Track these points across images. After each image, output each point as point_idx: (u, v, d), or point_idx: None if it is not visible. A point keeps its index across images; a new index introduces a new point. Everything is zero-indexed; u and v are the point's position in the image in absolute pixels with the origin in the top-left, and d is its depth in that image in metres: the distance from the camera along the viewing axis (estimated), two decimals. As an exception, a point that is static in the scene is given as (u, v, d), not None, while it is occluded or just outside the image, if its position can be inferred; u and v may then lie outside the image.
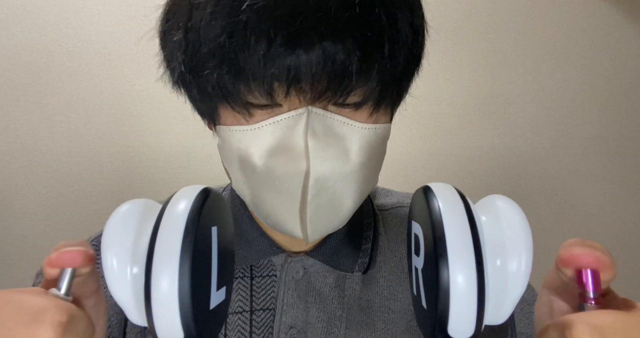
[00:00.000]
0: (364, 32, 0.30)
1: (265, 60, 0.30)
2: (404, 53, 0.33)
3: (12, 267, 0.86)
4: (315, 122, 0.33)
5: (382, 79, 0.33)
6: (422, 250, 0.29)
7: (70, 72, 0.88)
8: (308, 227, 0.36)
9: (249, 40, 0.30)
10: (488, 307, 0.26)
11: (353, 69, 0.31)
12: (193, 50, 0.33)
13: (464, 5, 1.09)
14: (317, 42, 0.29)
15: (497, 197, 0.30)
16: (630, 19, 1.16)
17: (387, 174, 1.06)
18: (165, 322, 0.25)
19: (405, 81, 0.37)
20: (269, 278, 0.44)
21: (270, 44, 0.30)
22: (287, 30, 0.29)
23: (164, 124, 0.93)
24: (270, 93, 0.32)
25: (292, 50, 0.30)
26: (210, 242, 0.28)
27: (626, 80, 1.18)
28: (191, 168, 0.95)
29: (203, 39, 0.32)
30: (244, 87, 0.32)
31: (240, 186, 0.39)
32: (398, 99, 0.39)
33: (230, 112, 0.35)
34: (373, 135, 0.36)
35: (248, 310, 0.43)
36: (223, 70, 0.32)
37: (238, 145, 0.36)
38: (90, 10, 0.89)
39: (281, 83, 0.31)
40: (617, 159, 1.19)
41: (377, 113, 0.36)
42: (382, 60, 0.32)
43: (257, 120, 0.35)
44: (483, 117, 1.12)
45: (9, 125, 0.86)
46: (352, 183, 0.36)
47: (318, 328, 0.42)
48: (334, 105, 0.34)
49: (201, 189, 0.28)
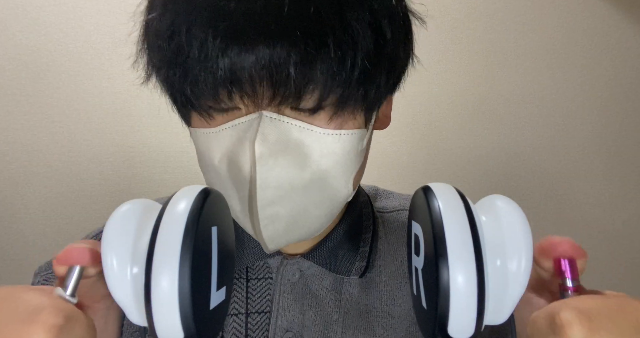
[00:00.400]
0: (301, 35, 0.29)
1: (200, 63, 0.30)
2: (359, 56, 0.31)
3: (12, 267, 0.86)
4: (269, 128, 0.32)
5: (333, 82, 0.31)
6: (422, 250, 0.29)
7: (70, 72, 0.88)
8: (263, 236, 0.34)
9: (185, 43, 0.30)
10: (488, 307, 0.26)
11: (291, 73, 0.29)
12: (149, 50, 0.34)
13: (464, 6, 1.09)
14: (250, 45, 0.29)
15: (497, 197, 0.30)
16: (630, 19, 1.16)
17: (387, 174, 1.06)
18: (165, 322, 0.25)
19: (370, 85, 0.33)
20: (264, 281, 0.43)
21: (202, 48, 0.29)
22: (219, 34, 0.29)
23: (164, 124, 0.93)
24: (215, 96, 0.31)
25: (225, 54, 0.29)
26: (210, 242, 0.28)
27: (626, 80, 1.18)
28: (191, 168, 0.95)
29: (151, 42, 0.33)
30: (191, 90, 0.32)
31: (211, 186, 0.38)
32: (369, 103, 0.35)
33: (196, 115, 0.35)
34: (337, 142, 0.33)
35: (244, 312, 0.42)
36: (170, 72, 0.32)
37: (202, 147, 0.36)
38: (90, 10, 0.89)
39: (223, 87, 0.31)
40: (617, 159, 1.19)
41: (341, 118, 0.33)
42: (328, 63, 0.30)
43: (218, 123, 0.34)
44: (483, 117, 1.12)
45: (9, 125, 0.86)
46: (316, 191, 0.34)
47: (314, 331, 0.42)
48: (291, 109, 0.33)
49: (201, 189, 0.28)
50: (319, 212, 0.36)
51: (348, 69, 0.31)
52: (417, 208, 0.31)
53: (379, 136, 1.04)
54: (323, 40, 0.29)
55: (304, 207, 0.34)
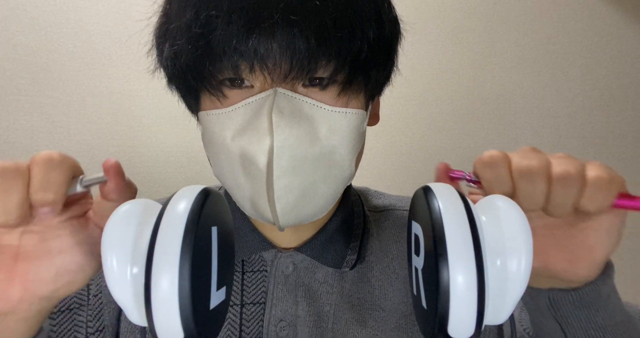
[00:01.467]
0: (319, 18, 0.33)
1: (227, 38, 0.33)
2: (365, 41, 0.35)
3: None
4: (283, 102, 0.35)
5: (344, 59, 0.35)
6: (422, 250, 0.29)
7: (70, 72, 0.88)
8: (277, 208, 0.36)
9: (213, 19, 0.33)
10: (488, 307, 0.26)
11: (311, 44, 0.33)
12: (168, 32, 0.36)
13: (464, 5, 1.09)
14: (276, 25, 0.32)
15: (497, 197, 0.30)
16: (630, 19, 1.16)
17: (386, 174, 1.07)
18: (165, 322, 0.25)
19: (371, 70, 0.38)
20: (259, 273, 0.45)
21: (229, 25, 0.32)
22: (247, 14, 0.32)
23: (164, 124, 0.93)
24: (236, 69, 0.34)
25: (252, 33, 0.32)
26: (210, 242, 0.28)
27: (626, 80, 1.18)
28: (191, 168, 0.95)
29: (174, 19, 0.35)
30: (211, 64, 0.34)
31: (219, 171, 0.39)
32: (371, 84, 0.39)
33: (207, 97, 0.38)
34: (344, 119, 0.37)
35: (239, 303, 0.44)
36: (191, 46, 0.34)
37: (214, 128, 0.37)
38: (90, 10, 0.89)
39: (245, 60, 0.34)
40: (617, 159, 1.19)
41: (346, 96, 0.37)
42: (340, 43, 0.34)
43: (230, 103, 0.36)
44: (483, 117, 1.12)
45: (9, 125, 0.86)
46: (324, 167, 0.37)
47: (307, 321, 0.43)
48: (302, 86, 0.36)
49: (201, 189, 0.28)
50: (325, 188, 0.38)
51: (355, 51, 0.35)
52: (417, 208, 0.31)
53: (379, 136, 1.04)
54: (338, 22, 0.34)
55: (313, 180, 0.36)
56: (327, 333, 0.43)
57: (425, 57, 1.08)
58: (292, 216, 0.37)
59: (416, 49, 1.07)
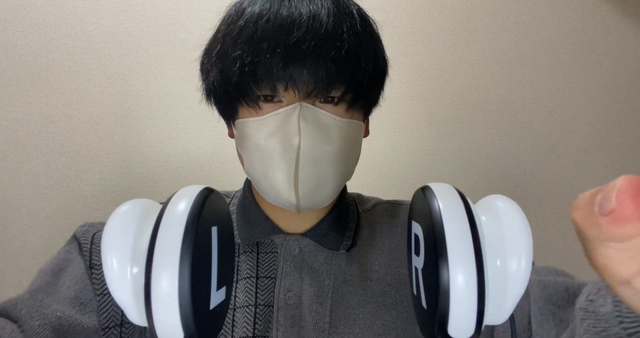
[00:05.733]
0: (337, 53, 0.44)
1: (270, 67, 0.44)
2: (367, 70, 0.47)
3: (12, 267, 0.86)
4: (306, 112, 0.45)
5: (352, 84, 0.47)
6: (422, 250, 0.29)
7: (70, 72, 0.88)
8: (300, 192, 0.46)
9: (262, 52, 0.44)
10: (488, 307, 0.26)
11: (330, 75, 0.45)
12: (223, 62, 0.47)
13: (464, 5, 1.09)
14: (306, 58, 0.44)
15: (497, 197, 0.30)
16: (630, 19, 1.16)
17: (387, 174, 1.07)
18: (165, 322, 0.25)
19: (372, 91, 0.51)
20: (271, 254, 0.55)
21: (273, 57, 0.44)
22: (284, 49, 0.43)
23: (164, 124, 0.93)
24: (273, 89, 0.46)
25: (288, 64, 0.44)
26: (210, 242, 0.28)
27: (626, 80, 1.18)
28: (191, 168, 0.95)
29: (230, 52, 0.46)
30: (255, 85, 0.46)
31: (251, 167, 0.49)
32: (368, 104, 0.52)
33: (245, 108, 0.48)
34: (349, 128, 0.48)
35: (254, 276, 0.54)
36: (242, 72, 0.45)
37: (250, 131, 0.47)
38: (90, 10, 0.89)
39: (281, 82, 0.45)
40: (617, 159, 1.19)
41: (352, 111, 0.49)
42: (350, 72, 0.46)
43: (264, 113, 0.47)
44: (483, 117, 1.12)
45: (9, 125, 0.86)
46: (334, 165, 0.47)
47: (310, 292, 0.53)
48: (320, 102, 0.47)
49: (201, 189, 0.28)
50: (333, 181, 0.48)
51: (359, 78, 0.47)
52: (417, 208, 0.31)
53: (380, 136, 1.04)
54: (349, 57, 0.45)
55: (326, 173, 0.47)
56: (326, 301, 0.53)
57: (426, 57, 1.08)
58: (309, 200, 0.47)
59: (416, 49, 1.07)
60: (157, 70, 0.93)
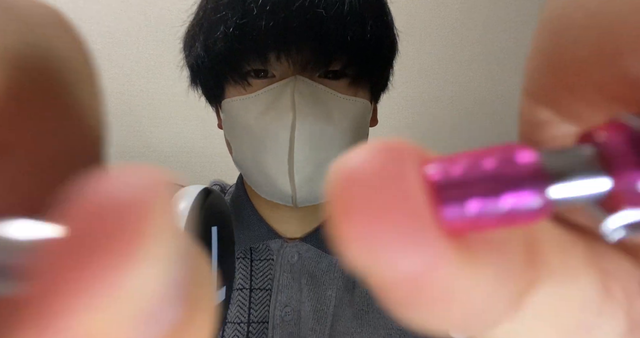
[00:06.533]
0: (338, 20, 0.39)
1: (259, 32, 0.38)
2: (373, 36, 0.41)
3: (12, 267, 0.86)
4: (302, 87, 0.39)
5: (355, 54, 0.40)
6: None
7: (70, 72, 0.88)
8: (296, 180, 0.40)
9: (248, 14, 0.38)
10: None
11: (331, 39, 0.39)
12: (202, 28, 0.41)
13: (464, 6, 1.09)
14: (303, 23, 0.37)
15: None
16: (630, 19, 1.16)
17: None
18: (165, 322, 0.25)
19: (375, 68, 0.44)
20: (266, 262, 0.49)
21: (262, 20, 0.37)
22: (275, 7, 0.37)
23: (164, 124, 0.93)
24: (264, 59, 0.39)
25: (279, 24, 0.37)
26: (210, 242, 0.28)
27: (626, 80, 1.18)
28: (191, 168, 0.95)
29: (209, 16, 0.40)
30: (243, 56, 0.39)
31: (240, 155, 0.43)
32: (373, 83, 0.45)
33: (233, 87, 0.42)
34: (352, 106, 0.42)
35: (248, 288, 0.48)
36: (227, 37, 0.39)
37: (238, 112, 0.41)
38: (90, 10, 0.89)
39: (273, 50, 0.39)
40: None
41: (355, 88, 0.42)
42: (353, 36, 0.40)
43: (254, 90, 0.41)
44: (483, 117, 1.12)
45: (9, 125, 0.86)
46: (336, 146, 0.41)
47: (309, 306, 0.47)
48: (318, 77, 0.41)
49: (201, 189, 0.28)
50: None
51: (363, 47, 0.40)
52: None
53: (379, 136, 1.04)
54: (351, 24, 0.39)
55: (327, 157, 0.41)
56: (326, 317, 0.47)
57: (426, 57, 1.08)
58: (307, 191, 0.41)
59: (416, 49, 1.07)
60: (157, 70, 0.93)
